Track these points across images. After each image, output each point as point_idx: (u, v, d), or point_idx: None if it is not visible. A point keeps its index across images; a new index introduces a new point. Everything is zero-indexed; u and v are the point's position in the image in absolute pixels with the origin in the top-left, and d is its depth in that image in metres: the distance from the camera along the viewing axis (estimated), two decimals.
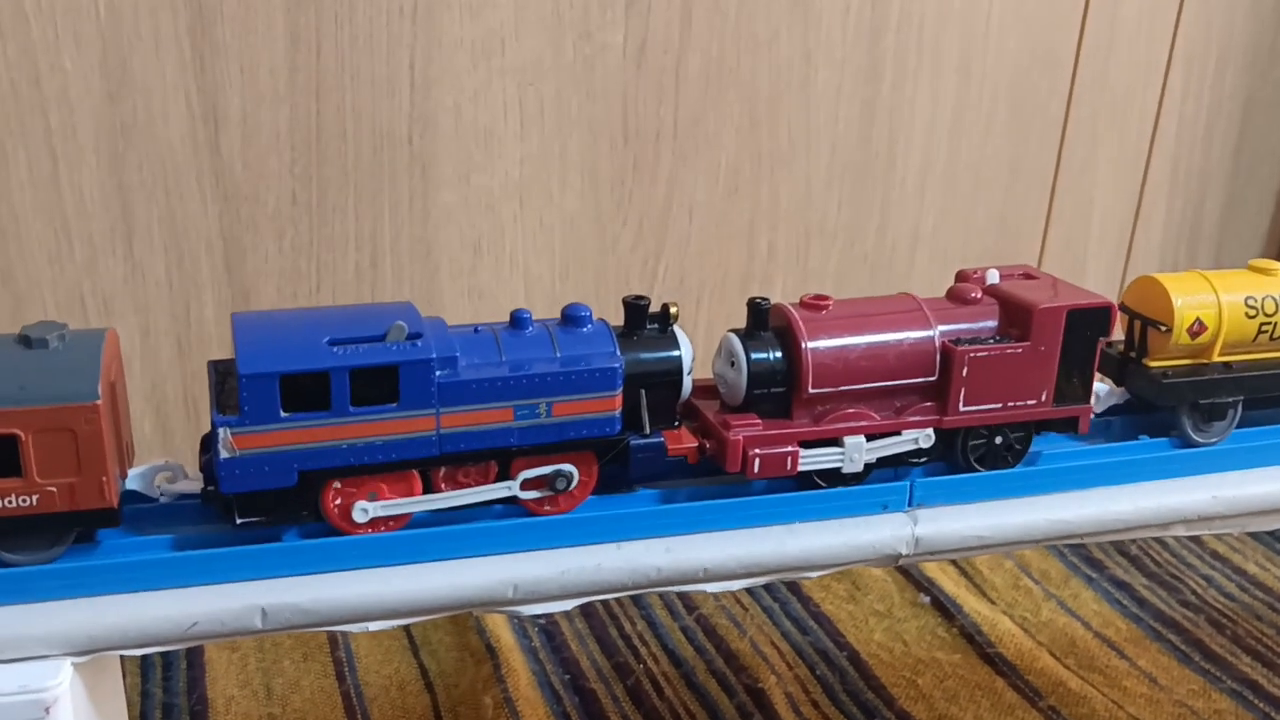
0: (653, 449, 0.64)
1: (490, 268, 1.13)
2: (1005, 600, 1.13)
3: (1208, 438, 0.75)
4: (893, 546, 0.65)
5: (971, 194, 1.28)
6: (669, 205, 1.17)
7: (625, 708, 0.97)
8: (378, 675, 1.00)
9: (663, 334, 0.66)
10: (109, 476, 0.56)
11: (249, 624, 0.56)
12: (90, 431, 0.55)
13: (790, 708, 0.97)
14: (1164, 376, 0.75)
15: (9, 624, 0.54)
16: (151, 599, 0.56)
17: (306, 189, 1.05)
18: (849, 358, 0.66)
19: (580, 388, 0.61)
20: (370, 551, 0.60)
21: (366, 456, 0.59)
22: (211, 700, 0.96)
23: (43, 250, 1.01)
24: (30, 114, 0.97)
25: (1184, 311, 0.74)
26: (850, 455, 0.66)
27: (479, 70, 1.06)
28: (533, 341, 0.62)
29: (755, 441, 0.65)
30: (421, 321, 0.60)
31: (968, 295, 0.71)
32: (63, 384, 0.55)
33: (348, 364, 0.57)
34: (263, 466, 0.58)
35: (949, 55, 1.21)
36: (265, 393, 0.57)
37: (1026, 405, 0.69)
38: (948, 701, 0.99)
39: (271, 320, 0.62)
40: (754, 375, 0.66)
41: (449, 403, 0.59)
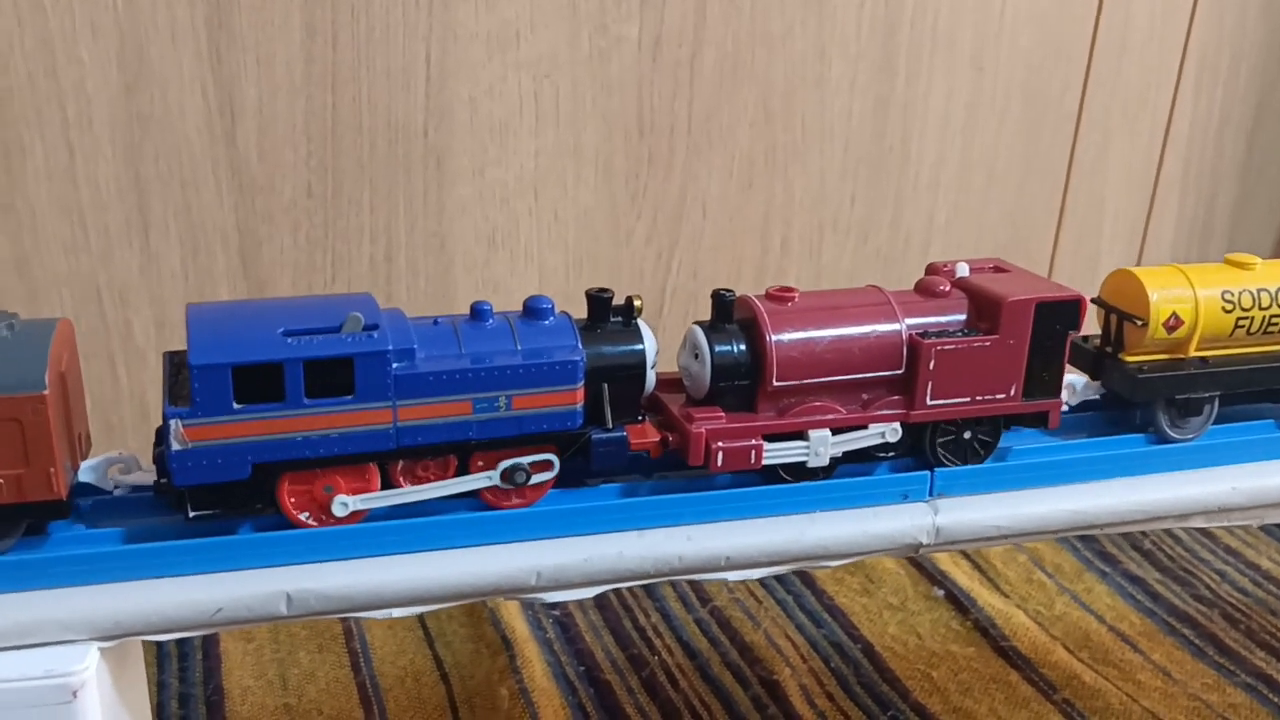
0: (614, 443, 0.63)
1: (505, 261, 1.14)
2: (1019, 594, 1.13)
3: (1183, 433, 0.75)
4: (913, 536, 0.65)
5: (984, 189, 1.28)
6: (683, 199, 1.17)
7: (640, 699, 0.97)
8: (393, 666, 1.01)
9: (626, 327, 0.65)
10: (57, 468, 0.55)
11: (274, 610, 0.56)
12: (37, 422, 0.54)
13: (805, 700, 0.97)
14: (1139, 371, 0.73)
15: (34, 609, 0.54)
16: (177, 585, 0.56)
17: (322, 181, 1.06)
18: (814, 350, 0.66)
19: (541, 381, 0.61)
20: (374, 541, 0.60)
21: (322, 449, 0.58)
22: (228, 690, 0.96)
23: (58, 241, 1.01)
24: (47, 105, 0.97)
25: (1160, 306, 0.73)
26: (815, 449, 0.66)
27: (494, 63, 1.06)
28: (493, 334, 0.62)
29: (718, 435, 0.64)
30: (379, 313, 0.59)
31: (936, 288, 0.70)
32: (9, 374, 0.55)
33: (302, 355, 0.57)
34: (215, 459, 0.57)
35: (963, 50, 1.21)
36: (218, 384, 0.56)
37: (995, 399, 0.68)
38: (962, 694, 0.99)
39: (227, 311, 0.61)
40: (717, 368, 0.66)
41: (406, 395, 0.59)
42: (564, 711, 0.95)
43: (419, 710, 0.95)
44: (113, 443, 1.01)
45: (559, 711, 0.95)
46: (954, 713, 0.97)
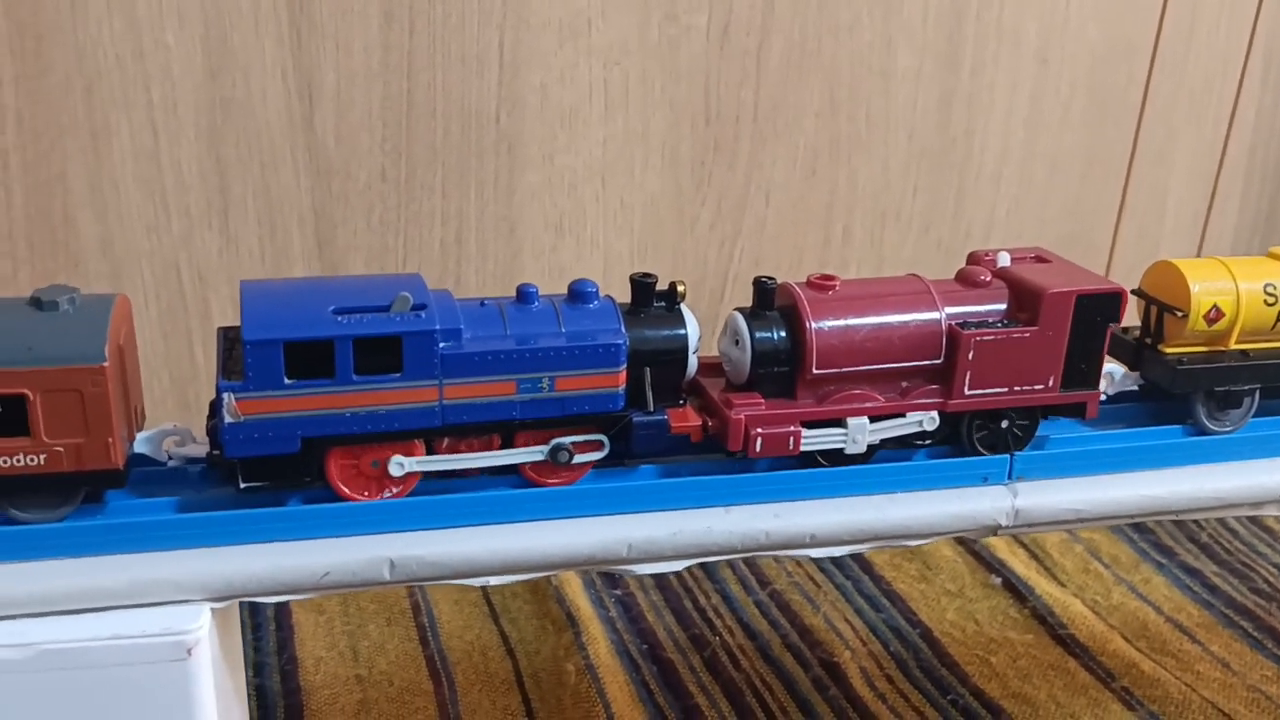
0: (655, 426, 0.64)
1: (571, 247, 1.15)
2: (1076, 583, 1.14)
3: (1222, 426, 0.75)
4: (992, 517, 0.66)
5: (1046, 181, 1.28)
6: (747, 187, 1.18)
7: (703, 678, 0.99)
8: (460, 640, 1.03)
9: (669, 312, 0.66)
10: (115, 438, 0.57)
11: (377, 575, 0.58)
12: (97, 393, 0.56)
13: (866, 682, 0.99)
14: (1179, 363, 0.74)
15: (151, 569, 0.57)
16: (285, 549, 0.58)
17: (396, 165, 1.08)
18: (854, 338, 0.66)
19: (584, 363, 0.62)
20: (471, 510, 0.62)
21: (370, 425, 0.60)
22: (301, 660, 0.99)
23: (141, 221, 1.04)
24: (134, 88, 1.00)
25: (1201, 297, 0.73)
26: (853, 436, 0.66)
27: (565, 50, 1.08)
28: (538, 316, 0.63)
29: (757, 421, 0.65)
30: (427, 293, 0.61)
31: (977, 278, 0.71)
32: (71, 346, 0.56)
33: (351, 333, 0.58)
34: (266, 432, 0.58)
35: (1028, 42, 1.21)
36: (269, 359, 0.57)
37: (1033, 390, 0.68)
38: (1021, 680, 1.00)
39: (280, 288, 0.63)
40: (758, 354, 0.66)
41: (452, 374, 0.60)
42: (629, 688, 0.97)
43: (486, 684, 0.97)
44: (189, 419, 1.03)
45: (624, 688, 0.96)
46: (1013, 698, 0.98)
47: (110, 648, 0.54)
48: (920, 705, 0.97)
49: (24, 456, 0.56)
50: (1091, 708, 0.97)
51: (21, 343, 0.56)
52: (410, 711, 0.93)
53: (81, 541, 0.58)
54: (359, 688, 0.96)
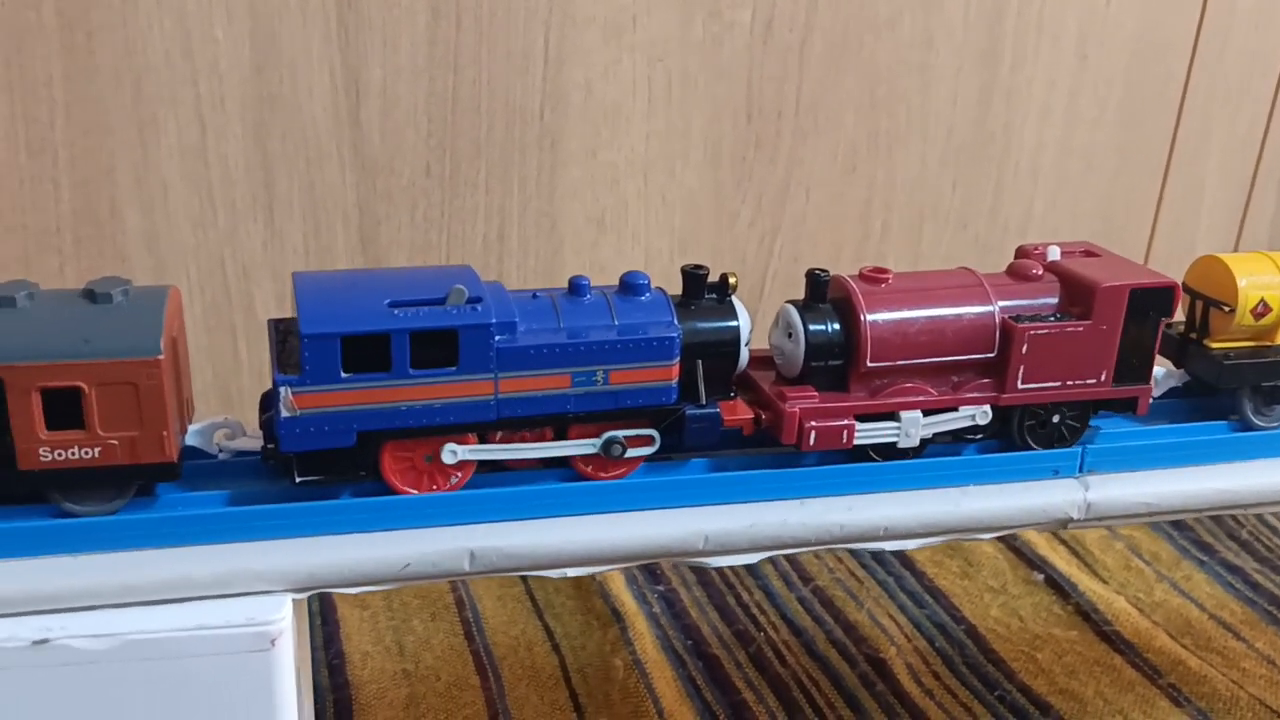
0: (708, 419, 0.63)
1: (612, 243, 1.15)
2: (1118, 580, 1.14)
3: (1269, 421, 0.74)
4: (1064, 510, 0.66)
5: (1084, 178, 1.28)
6: (787, 183, 1.18)
7: (749, 674, 0.99)
8: (505, 635, 1.03)
9: (721, 304, 0.65)
10: (169, 431, 0.57)
11: (458, 566, 0.58)
12: (152, 386, 0.55)
13: (912, 678, 0.99)
14: (1225, 358, 0.73)
15: (234, 560, 0.57)
16: (366, 540, 0.58)
17: (440, 161, 1.08)
18: (908, 332, 0.66)
19: (637, 356, 0.61)
20: (550, 502, 0.62)
21: (425, 419, 0.59)
22: (348, 655, 0.99)
23: (187, 216, 1.04)
24: (182, 84, 1.00)
25: (1248, 292, 0.73)
26: (906, 430, 0.66)
27: (610, 47, 1.08)
28: (591, 309, 0.62)
29: (811, 414, 0.64)
30: (481, 285, 0.60)
31: (1029, 272, 0.70)
32: (126, 338, 0.56)
33: (408, 326, 0.57)
34: (323, 426, 0.58)
35: (1068, 39, 1.21)
36: (327, 353, 0.57)
37: (1085, 384, 0.68)
38: (1068, 676, 1.00)
39: (333, 281, 0.63)
40: (811, 347, 0.66)
41: (507, 367, 0.60)
42: (676, 684, 0.97)
43: (533, 679, 0.98)
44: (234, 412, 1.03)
45: (671, 683, 0.97)
46: (1060, 694, 0.98)
47: (195, 638, 0.54)
48: (968, 701, 0.97)
49: (78, 449, 0.56)
50: (1140, 704, 0.97)
51: (77, 335, 0.56)
52: (459, 706, 0.93)
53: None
54: (406, 682, 0.96)
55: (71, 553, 0.57)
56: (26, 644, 0.53)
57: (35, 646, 0.53)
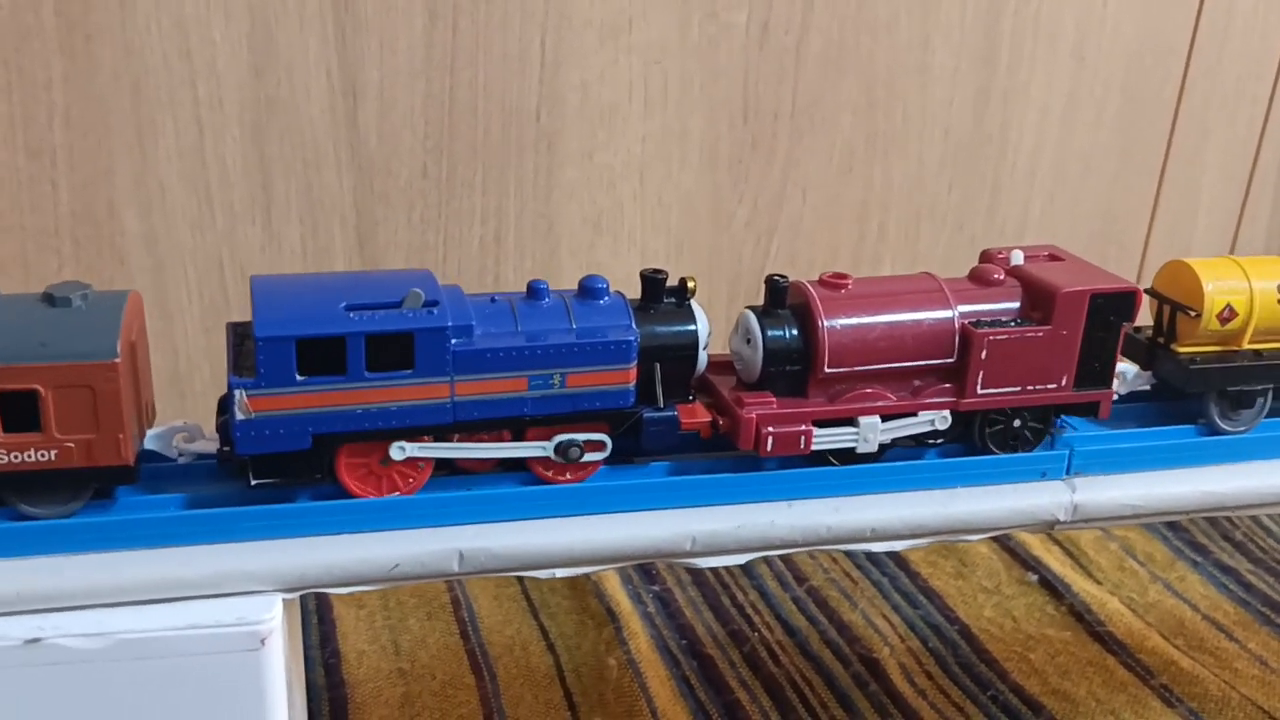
0: (665, 422, 0.64)
1: (608, 245, 1.16)
2: (1112, 581, 1.14)
3: (1235, 425, 0.74)
4: (1050, 512, 0.67)
5: (1080, 180, 1.28)
6: (784, 184, 1.18)
7: (743, 673, 1.00)
8: (500, 635, 1.03)
9: (679, 308, 0.65)
10: (126, 434, 0.57)
11: (446, 567, 0.59)
12: (108, 389, 0.56)
13: (905, 678, 0.99)
14: (1192, 362, 0.73)
15: (223, 560, 0.57)
16: (356, 541, 0.59)
17: (437, 163, 1.08)
18: (866, 337, 0.66)
19: (594, 359, 0.61)
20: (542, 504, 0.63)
21: (381, 421, 0.59)
22: (344, 654, 1.00)
23: (185, 218, 1.05)
24: (180, 86, 1.00)
25: (1214, 296, 0.72)
26: (865, 435, 0.66)
27: (606, 49, 1.09)
28: (549, 312, 0.63)
29: (769, 420, 0.64)
30: (439, 289, 0.61)
31: (990, 276, 0.70)
32: (83, 342, 0.56)
33: (363, 329, 0.58)
34: (278, 429, 0.58)
35: (1065, 40, 1.22)
36: (282, 356, 0.57)
37: (1046, 389, 0.68)
38: (1060, 677, 1.00)
39: (291, 284, 0.63)
40: (769, 353, 0.66)
41: (464, 371, 0.60)
42: (670, 683, 0.97)
43: (528, 678, 0.98)
44: None
45: (665, 683, 0.97)
46: (1053, 694, 0.98)
47: (186, 637, 0.55)
48: (960, 701, 0.97)
49: (35, 452, 0.56)
50: (1131, 704, 0.97)
51: (34, 339, 0.56)
52: (454, 705, 0.94)
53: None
54: (402, 681, 0.97)
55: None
56: (19, 643, 0.54)
57: (28, 645, 0.54)
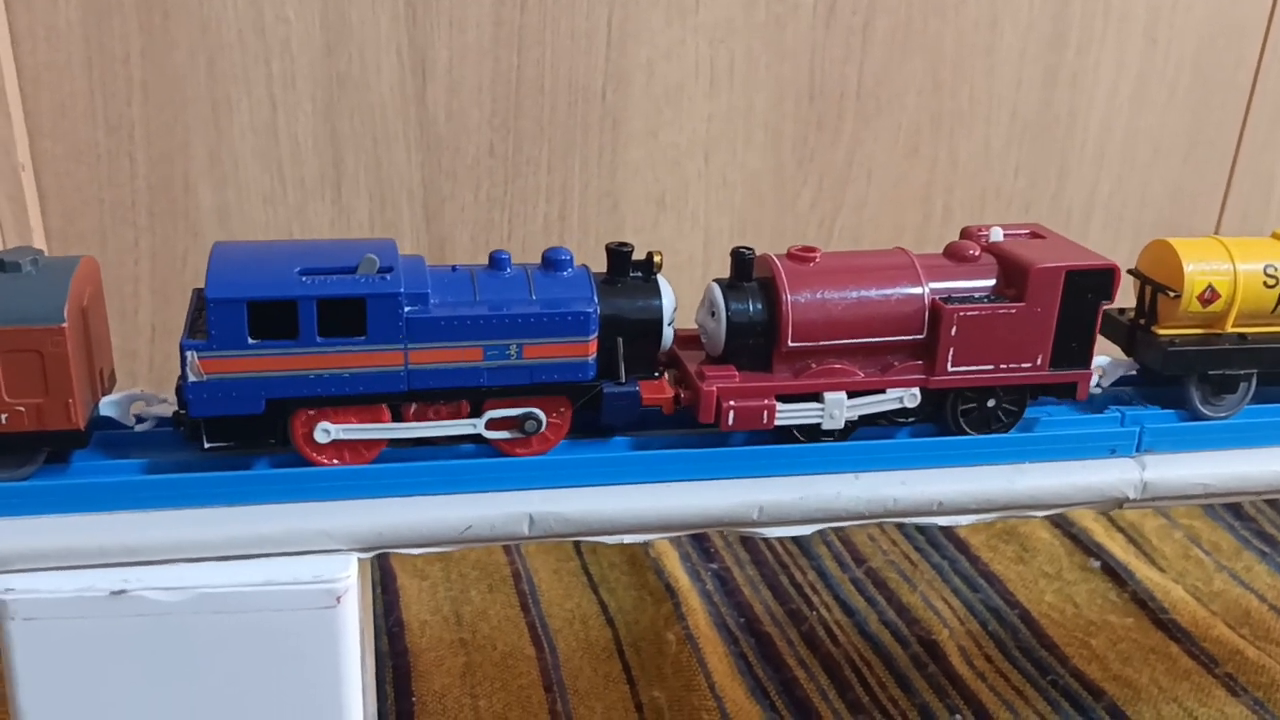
0: (626, 397, 0.63)
1: (672, 223, 1.16)
2: (1176, 569, 1.13)
3: (1218, 411, 0.72)
4: (1119, 490, 0.66)
5: (1150, 163, 1.27)
6: (849, 164, 1.18)
7: (800, 652, 1.00)
8: (560, 609, 1.05)
9: (646, 282, 0.65)
10: (75, 399, 0.57)
11: (517, 530, 0.60)
12: (56, 354, 0.56)
13: (964, 661, 0.99)
14: (1171, 345, 0.71)
15: (303, 520, 0.59)
16: (430, 503, 0.60)
17: (504, 141, 1.09)
18: (831, 312, 0.64)
19: (553, 331, 0.61)
20: (612, 470, 0.64)
21: (334, 387, 0.59)
22: (407, 623, 1.01)
23: (259, 192, 1.06)
24: (254, 63, 1.02)
25: (1195, 278, 0.70)
26: (830, 411, 0.65)
27: (673, 28, 1.09)
28: (510, 283, 0.62)
29: (730, 393, 0.63)
30: (397, 258, 0.60)
31: (966, 253, 0.69)
32: (31, 307, 0.56)
33: (315, 294, 0.57)
34: (230, 392, 0.58)
35: (1135, 21, 1.20)
36: (233, 319, 0.57)
37: (1020, 369, 0.66)
38: (1122, 663, 1.00)
39: (251, 249, 0.63)
40: (733, 326, 0.65)
41: (417, 339, 0.59)
42: (728, 659, 0.98)
43: (588, 650, 0.99)
44: None
45: (723, 659, 0.98)
46: (1114, 681, 0.97)
47: (264, 593, 0.56)
48: (1020, 685, 0.97)
49: None
50: (1195, 693, 0.96)
51: None
52: (514, 675, 0.95)
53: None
54: (463, 651, 0.98)
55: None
56: (105, 594, 0.55)
57: (113, 597, 0.56)
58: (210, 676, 0.57)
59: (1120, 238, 1.28)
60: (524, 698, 0.93)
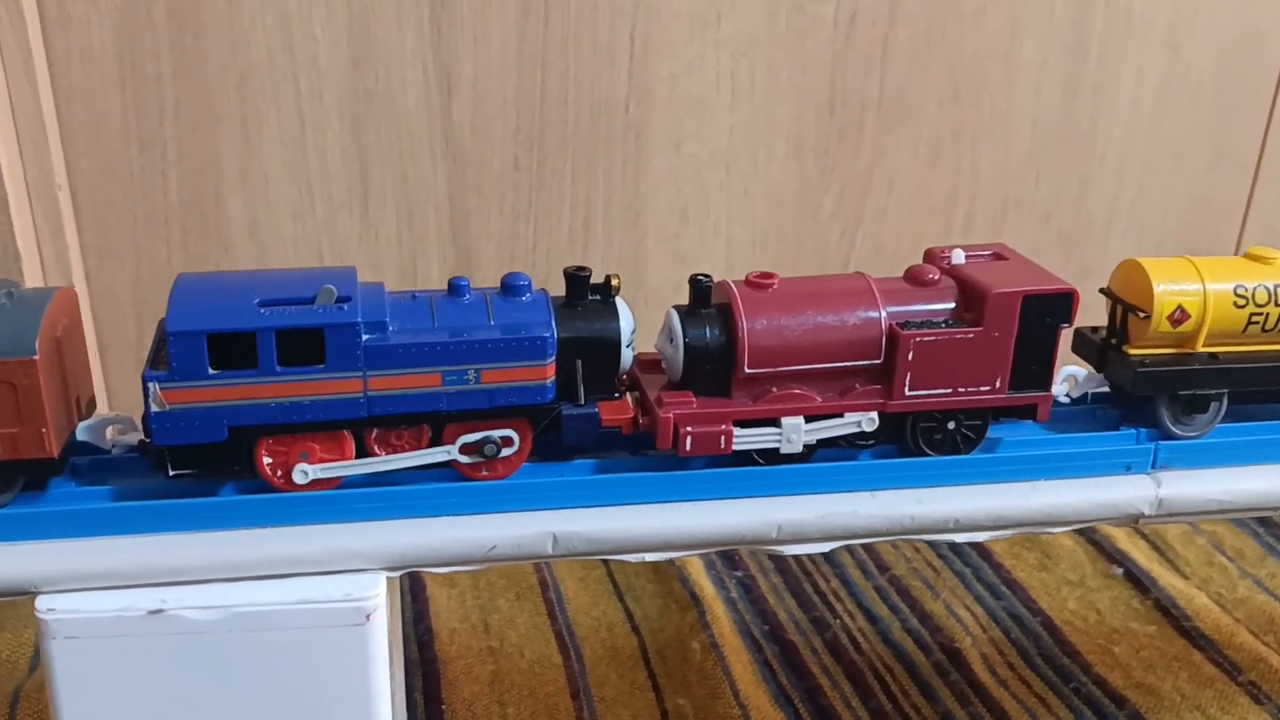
0: (585, 419, 0.64)
1: (695, 234, 1.17)
2: (1199, 576, 1.13)
3: (1188, 430, 0.72)
4: (1135, 506, 0.67)
5: (1172, 172, 1.27)
6: (870, 175, 1.19)
7: (824, 659, 1.01)
8: (586, 616, 1.06)
9: (604, 305, 0.66)
10: (49, 428, 0.59)
11: (541, 549, 0.61)
12: (29, 385, 0.58)
13: (987, 668, 1.00)
14: (1141, 365, 0.71)
15: (332, 539, 0.60)
16: (454, 523, 0.61)
17: (528, 154, 1.11)
18: (788, 338, 0.65)
19: (511, 355, 0.62)
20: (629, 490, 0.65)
21: (295, 415, 0.61)
22: (436, 631, 1.03)
23: (288, 207, 1.08)
24: (283, 80, 1.04)
25: (1164, 298, 0.70)
26: (788, 436, 0.65)
27: (695, 42, 1.10)
28: (468, 309, 0.63)
29: (687, 419, 0.64)
30: (356, 286, 0.61)
31: (925, 276, 0.69)
32: (4, 339, 0.58)
33: (273, 325, 0.59)
34: (193, 421, 0.60)
35: (1157, 30, 1.20)
36: (193, 350, 0.59)
37: (979, 392, 0.67)
38: (1145, 671, 1.00)
39: (212, 281, 0.64)
40: (690, 352, 0.66)
41: (376, 366, 0.61)
42: (752, 667, 0.99)
43: (614, 658, 1.00)
44: None
45: (748, 666, 0.99)
46: (1137, 689, 0.98)
47: (297, 611, 0.58)
48: (1043, 693, 0.97)
49: None
50: (1218, 700, 0.97)
51: None
52: (542, 683, 0.97)
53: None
54: (492, 659, 1.00)
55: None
56: (143, 613, 0.57)
57: (151, 616, 0.57)
58: (244, 692, 0.59)
59: (1142, 247, 1.28)
60: (551, 705, 0.94)
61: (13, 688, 0.94)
